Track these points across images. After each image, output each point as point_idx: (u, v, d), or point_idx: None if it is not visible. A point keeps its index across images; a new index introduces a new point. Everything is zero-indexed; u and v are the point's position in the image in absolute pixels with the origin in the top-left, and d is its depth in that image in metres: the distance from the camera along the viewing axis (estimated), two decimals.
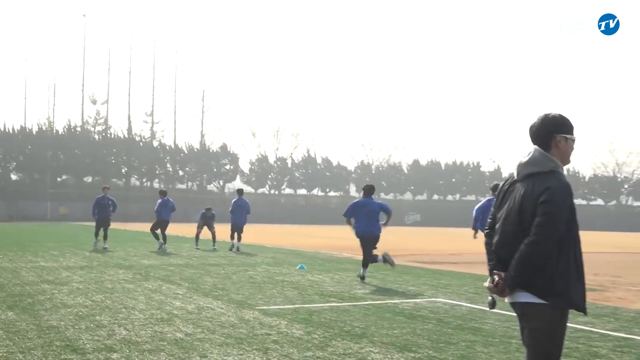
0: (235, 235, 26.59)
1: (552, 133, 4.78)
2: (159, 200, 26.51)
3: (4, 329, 8.93)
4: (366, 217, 16.54)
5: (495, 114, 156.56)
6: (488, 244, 5.01)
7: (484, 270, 13.91)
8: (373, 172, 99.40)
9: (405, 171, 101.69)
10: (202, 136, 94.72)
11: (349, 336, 8.98)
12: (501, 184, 5.08)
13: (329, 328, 9.53)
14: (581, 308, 4.65)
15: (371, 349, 8.24)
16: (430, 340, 8.86)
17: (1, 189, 74.88)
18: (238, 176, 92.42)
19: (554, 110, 4.92)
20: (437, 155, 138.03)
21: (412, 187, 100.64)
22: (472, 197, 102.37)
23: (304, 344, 8.41)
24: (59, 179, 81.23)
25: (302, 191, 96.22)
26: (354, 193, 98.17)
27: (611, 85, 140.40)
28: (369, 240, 16.53)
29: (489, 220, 5.11)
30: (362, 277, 16.30)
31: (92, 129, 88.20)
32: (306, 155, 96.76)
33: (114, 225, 27.26)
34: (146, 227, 32.24)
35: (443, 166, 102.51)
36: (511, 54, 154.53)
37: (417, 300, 12.94)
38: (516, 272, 4.56)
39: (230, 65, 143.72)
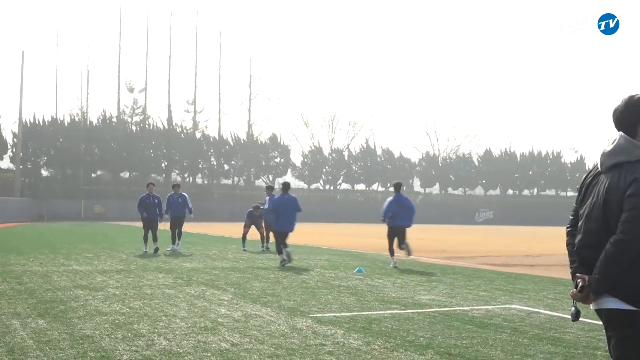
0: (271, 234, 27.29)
1: (639, 118, 4.68)
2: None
3: (34, 339, 9.09)
4: (286, 214, 21.11)
5: (578, 99, 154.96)
6: (570, 244, 4.93)
7: (565, 273, 13.68)
8: (440, 164, 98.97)
9: (476, 163, 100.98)
10: (250, 127, 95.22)
11: (413, 347, 8.95)
12: (584, 176, 5.00)
13: (390, 338, 9.51)
14: None
15: None
16: (504, 352, 8.78)
17: (31, 186, 76.33)
18: (290, 170, 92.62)
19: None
20: (512, 144, 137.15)
21: (484, 181, 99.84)
22: (552, 192, 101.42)
23: (362, 356, 8.41)
24: (93, 175, 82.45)
25: (361, 186, 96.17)
26: (419, 188, 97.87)
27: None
28: (286, 234, 21.16)
29: (570, 217, 5.04)
30: (285, 260, 20.70)
31: (129, 119, 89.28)
32: (365, 146, 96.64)
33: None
34: (188, 226, 32.56)
35: (519, 157, 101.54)
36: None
37: (490, 307, 12.85)
38: (601, 275, 4.48)
39: (280, 48, 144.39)
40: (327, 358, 8.26)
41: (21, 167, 74.75)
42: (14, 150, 76.23)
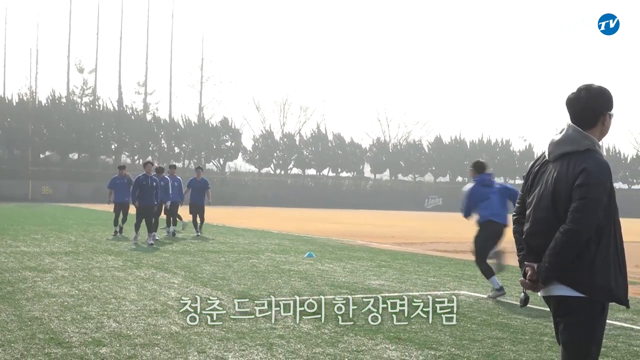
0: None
1: (603, 109, 4.72)
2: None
3: None
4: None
5: (526, 87, 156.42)
6: (517, 232, 4.97)
7: (511, 260, 13.85)
8: (390, 150, 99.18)
9: (426, 150, 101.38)
10: (201, 109, 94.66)
11: (363, 331, 9.02)
12: (530, 164, 5.04)
13: (340, 322, 9.56)
14: (623, 301, 4.65)
15: (387, 346, 8.30)
16: (452, 336, 8.89)
17: None
18: (240, 154, 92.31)
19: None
20: (462, 132, 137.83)
21: (434, 168, 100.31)
22: (501, 179, 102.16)
23: (312, 340, 8.47)
24: (41, 156, 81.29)
25: (311, 171, 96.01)
26: (369, 174, 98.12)
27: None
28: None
29: (517, 204, 5.08)
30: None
31: (79, 100, 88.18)
32: (316, 131, 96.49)
33: (104, 207, 26.84)
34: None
35: (468, 144, 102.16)
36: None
37: (438, 293, 12.97)
38: (551, 263, 4.54)
39: (232, 31, 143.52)
40: (278, 342, 8.31)
41: None
42: None
